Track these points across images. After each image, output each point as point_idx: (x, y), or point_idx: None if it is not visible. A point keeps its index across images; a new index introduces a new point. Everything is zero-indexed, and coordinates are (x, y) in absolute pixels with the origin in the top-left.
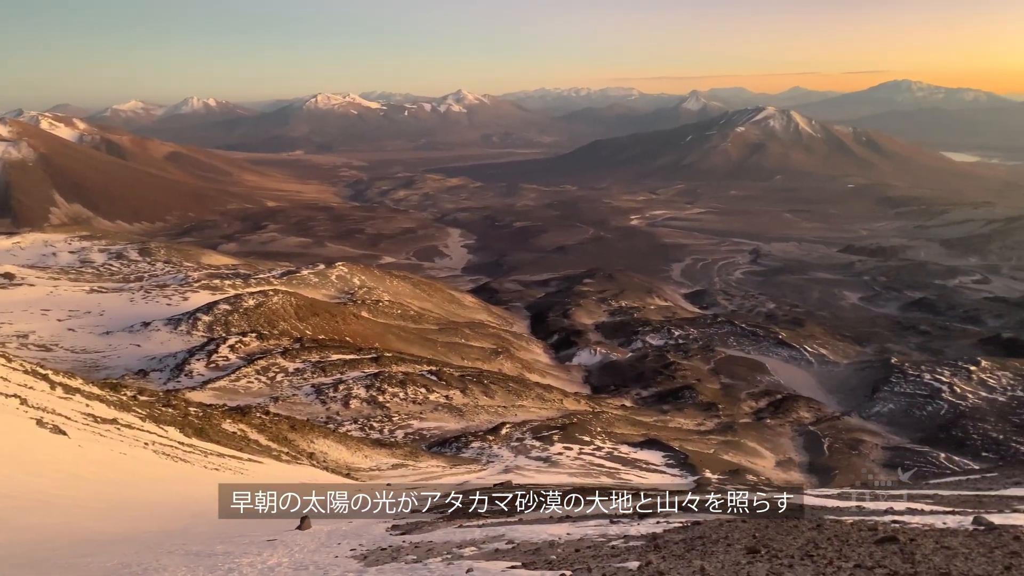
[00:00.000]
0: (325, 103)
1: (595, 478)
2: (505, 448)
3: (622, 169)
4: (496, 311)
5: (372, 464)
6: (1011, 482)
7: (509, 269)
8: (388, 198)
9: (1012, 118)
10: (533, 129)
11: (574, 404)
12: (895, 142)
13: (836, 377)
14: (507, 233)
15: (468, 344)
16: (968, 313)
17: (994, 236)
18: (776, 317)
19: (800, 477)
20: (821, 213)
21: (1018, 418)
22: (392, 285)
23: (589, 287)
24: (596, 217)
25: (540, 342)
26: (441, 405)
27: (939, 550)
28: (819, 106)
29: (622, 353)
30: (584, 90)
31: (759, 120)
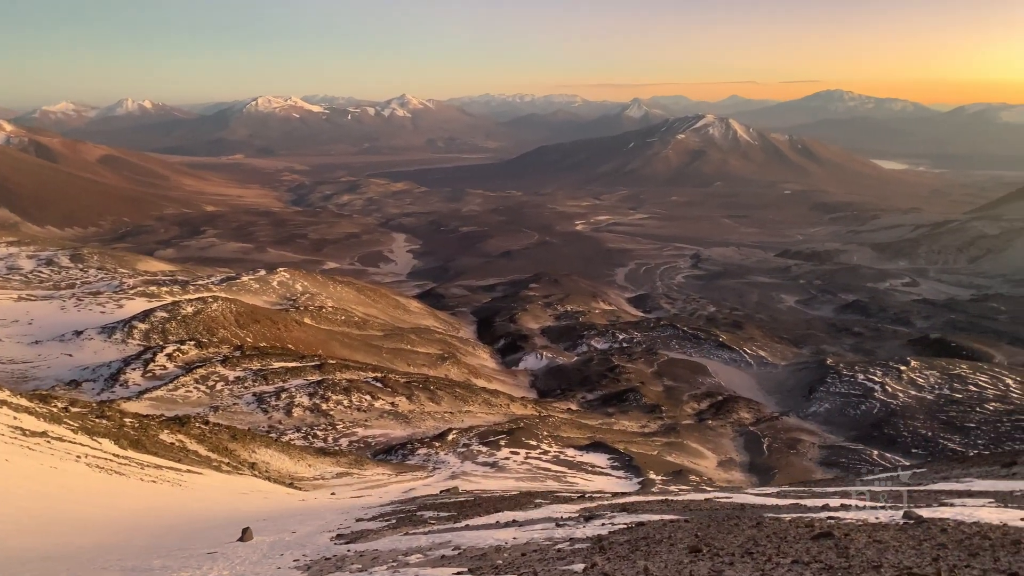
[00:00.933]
0: (266, 106)
1: (542, 482)
2: (452, 454)
3: (567, 175)
4: (442, 316)
5: (316, 473)
6: (939, 477)
7: (455, 274)
8: (331, 203)
9: (938, 127)
10: (478, 134)
11: (521, 409)
12: (829, 150)
13: (774, 378)
14: (453, 238)
15: (414, 350)
16: (898, 315)
17: (922, 240)
18: (717, 320)
19: (741, 477)
20: (759, 218)
21: (945, 415)
22: (336, 291)
23: (535, 292)
24: (542, 222)
25: (487, 347)
26: (387, 412)
27: (872, 544)
28: (756, 114)
29: (568, 357)
30: (528, 96)
31: (699, 128)
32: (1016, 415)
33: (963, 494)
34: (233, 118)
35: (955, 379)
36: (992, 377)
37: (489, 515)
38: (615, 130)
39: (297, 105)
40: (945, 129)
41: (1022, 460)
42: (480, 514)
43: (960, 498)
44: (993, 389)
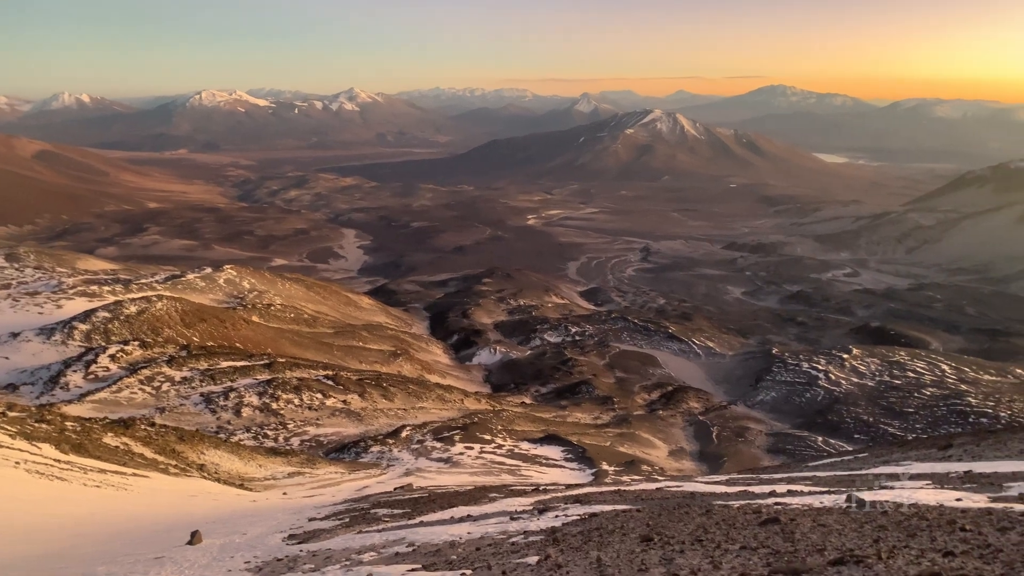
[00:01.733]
0: (210, 100)
1: (497, 476)
2: (406, 451)
3: (518, 169)
4: (394, 313)
5: (267, 473)
6: (880, 461)
7: (407, 270)
8: (279, 198)
9: (875, 122)
10: (428, 128)
11: (475, 404)
12: (772, 144)
13: (723, 368)
14: (404, 233)
15: (366, 347)
16: (840, 304)
17: (862, 232)
18: (666, 312)
19: (691, 465)
20: (706, 212)
21: (885, 401)
22: (285, 288)
23: (488, 287)
24: (493, 217)
25: (440, 343)
26: (339, 410)
27: (816, 528)
28: (703, 109)
29: (521, 351)
30: (479, 90)
31: (647, 122)
32: (951, 399)
33: (902, 477)
34: (176, 112)
35: (894, 366)
36: (929, 363)
37: (443, 511)
38: (565, 125)
39: (242, 99)
40: (882, 123)
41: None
42: (434, 510)
43: (900, 481)
44: (930, 375)
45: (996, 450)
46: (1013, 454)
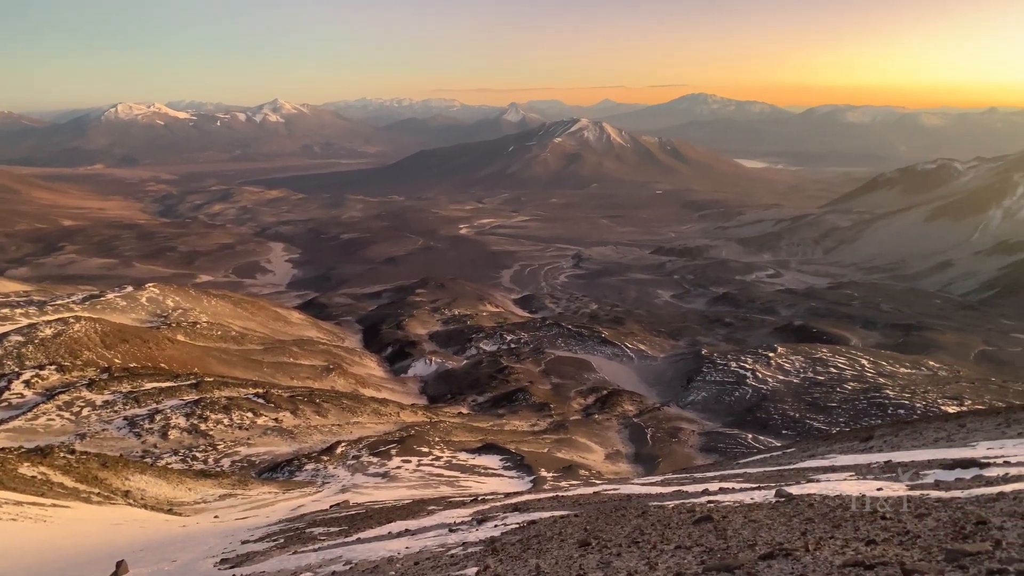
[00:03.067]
0: (127, 113)
1: (435, 488)
2: (341, 467)
3: (448, 179)
4: (326, 327)
5: (197, 497)
6: (806, 455)
7: (338, 282)
8: (202, 213)
9: (792, 128)
10: (356, 139)
11: (411, 416)
12: (695, 150)
13: (655, 370)
14: (334, 246)
15: (297, 363)
16: (765, 305)
17: (783, 234)
18: (599, 317)
19: (628, 468)
20: (634, 218)
21: (810, 397)
22: (211, 305)
23: (421, 297)
24: (425, 227)
25: (374, 355)
26: (271, 428)
27: (747, 524)
28: (628, 117)
29: (457, 361)
30: (406, 100)
31: (575, 131)
32: (871, 393)
33: (828, 470)
34: (90, 126)
35: (817, 362)
36: (849, 359)
37: (381, 526)
38: (494, 134)
39: (161, 112)
40: (799, 129)
41: (877, 434)
42: (372, 526)
43: (825, 473)
44: (850, 370)
45: (913, 439)
46: (928, 443)
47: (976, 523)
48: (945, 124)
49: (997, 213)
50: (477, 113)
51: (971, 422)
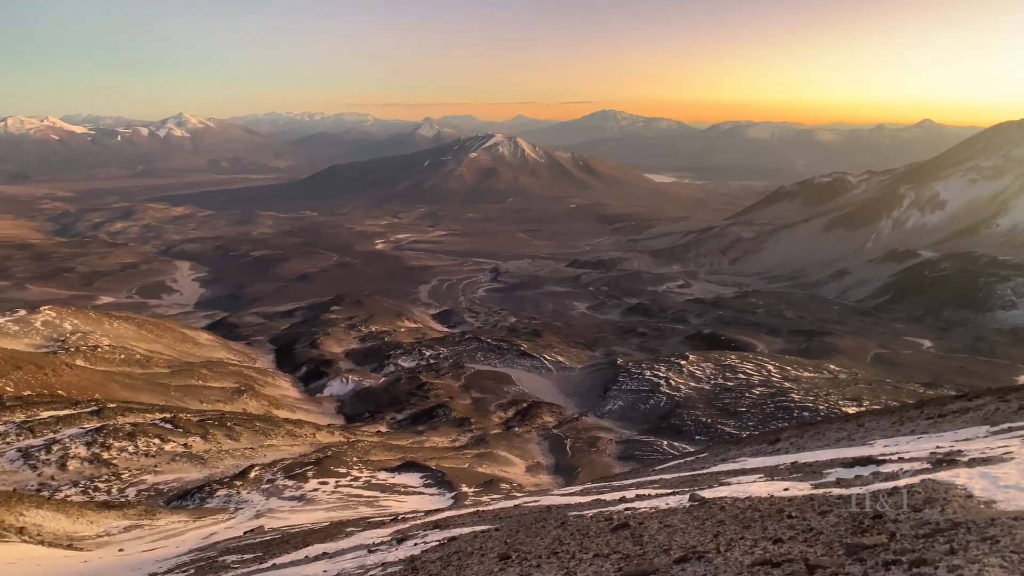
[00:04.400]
0: (18, 127)
1: (354, 509)
2: (255, 492)
3: (363, 194)
4: (237, 347)
5: (100, 530)
6: (718, 459)
7: (249, 301)
8: (103, 231)
9: (698, 144)
10: (266, 153)
11: (328, 436)
12: (607, 165)
13: (573, 381)
14: (244, 263)
15: (206, 385)
16: (676, 314)
17: (691, 246)
18: (517, 330)
19: (548, 479)
20: (549, 231)
21: (721, 403)
22: (112, 328)
23: (337, 314)
24: (340, 242)
25: (288, 375)
26: (179, 455)
27: (663, 529)
28: (541, 133)
29: (375, 378)
30: (318, 114)
31: (490, 146)
32: (778, 397)
33: (739, 472)
34: None
35: (727, 369)
36: (756, 365)
37: (297, 551)
38: (409, 148)
39: (56, 126)
40: (703, 145)
41: (784, 437)
42: (288, 551)
43: (736, 476)
44: (758, 375)
45: (817, 440)
46: (831, 443)
47: (873, 517)
48: (838, 140)
49: (887, 223)
50: (391, 127)
51: (869, 422)
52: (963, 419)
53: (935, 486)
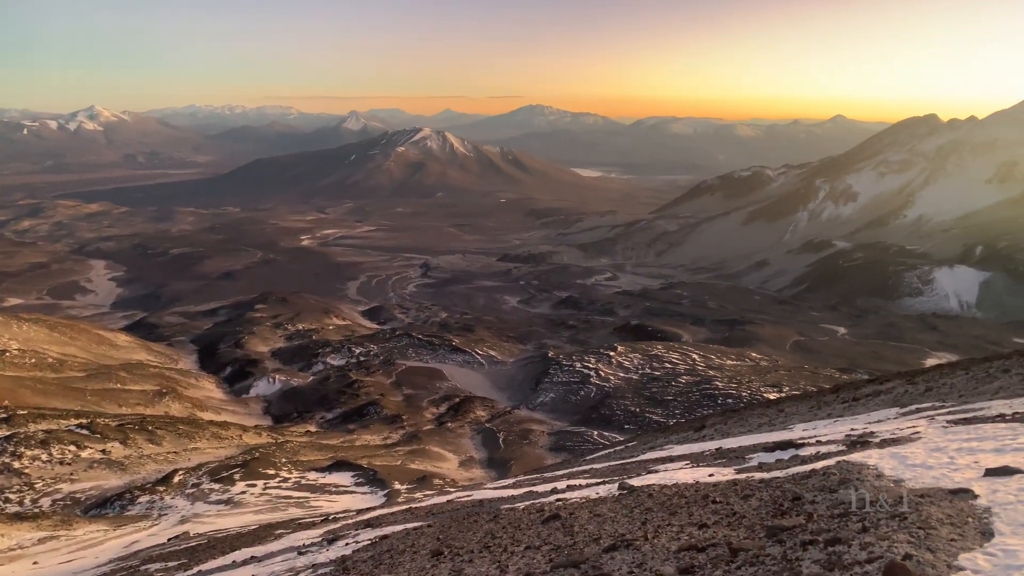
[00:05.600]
0: None
1: (284, 511)
2: (180, 497)
3: (288, 188)
4: (157, 348)
5: (12, 543)
6: (647, 448)
7: (169, 301)
8: (9, 229)
9: (623, 139)
10: (185, 148)
11: (255, 438)
12: (535, 160)
13: (505, 375)
14: (163, 261)
15: (125, 389)
16: (604, 306)
17: (618, 239)
18: (449, 325)
19: (481, 473)
20: (480, 226)
21: (648, 392)
22: (21, 331)
23: (262, 313)
24: (264, 239)
25: (212, 376)
26: (97, 461)
27: (593, 518)
28: (470, 127)
29: (303, 378)
30: (239, 108)
31: (417, 140)
32: (703, 385)
33: (666, 460)
34: None
35: (654, 359)
36: (682, 354)
37: (224, 556)
38: (335, 142)
39: None
40: (629, 140)
41: (709, 424)
42: (214, 556)
43: (664, 464)
44: (683, 364)
45: (740, 426)
46: (753, 428)
47: (792, 499)
48: (757, 135)
49: (804, 215)
50: (316, 121)
51: (788, 407)
52: (875, 402)
53: (849, 467)
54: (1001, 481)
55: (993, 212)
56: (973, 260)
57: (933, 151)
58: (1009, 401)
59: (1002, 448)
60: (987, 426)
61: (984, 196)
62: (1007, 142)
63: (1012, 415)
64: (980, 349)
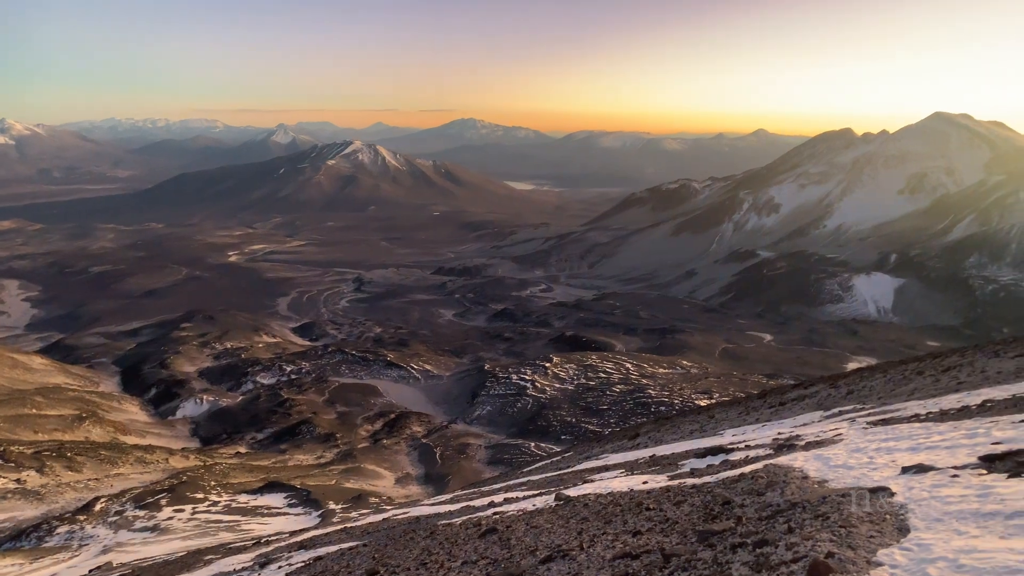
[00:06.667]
0: None
1: (214, 536)
2: (102, 526)
3: (214, 203)
4: (76, 371)
5: None
6: (583, 457)
7: (89, 321)
8: None
9: (554, 152)
10: (105, 162)
11: (182, 461)
12: (468, 173)
13: (441, 389)
14: (82, 280)
15: (41, 414)
16: (540, 318)
17: (552, 251)
18: (383, 340)
19: (418, 489)
20: (413, 239)
21: (584, 402)
22: None
23: (188, 332)
24: (189, 255)
25: (136, 399)
26: (11, 491)
27: (530, 530)
28: (401, 140)
29: (232, 397)
30: (162, 121)
31: (348, 154)
32: (636, 393)
33: (601, 469)
34: None
35: (589, 369)
36: (616, 363)
37: None
38: (262, 156)
39: None
40: (561, 153)
41: (643, 432)
42: None
43: (599, 473)
44: (617, 373)
45: (672, 433)
46: (685, 435)
47: (722, 504)
48: (683, 148)
49: (729, 226)
50: (243, 134)
51: (719, 413)
52: (800, 406)
53: (776, 470)
54: (916, 478)
55: (905, 221)
56: (888, 267)
57: (849, 163)
58: (923, 402)
59: (917, 447)
60: (903, 426)
61: (897, 206)
62: (916, 155)
63: (926, 415)
64: (896, 352)
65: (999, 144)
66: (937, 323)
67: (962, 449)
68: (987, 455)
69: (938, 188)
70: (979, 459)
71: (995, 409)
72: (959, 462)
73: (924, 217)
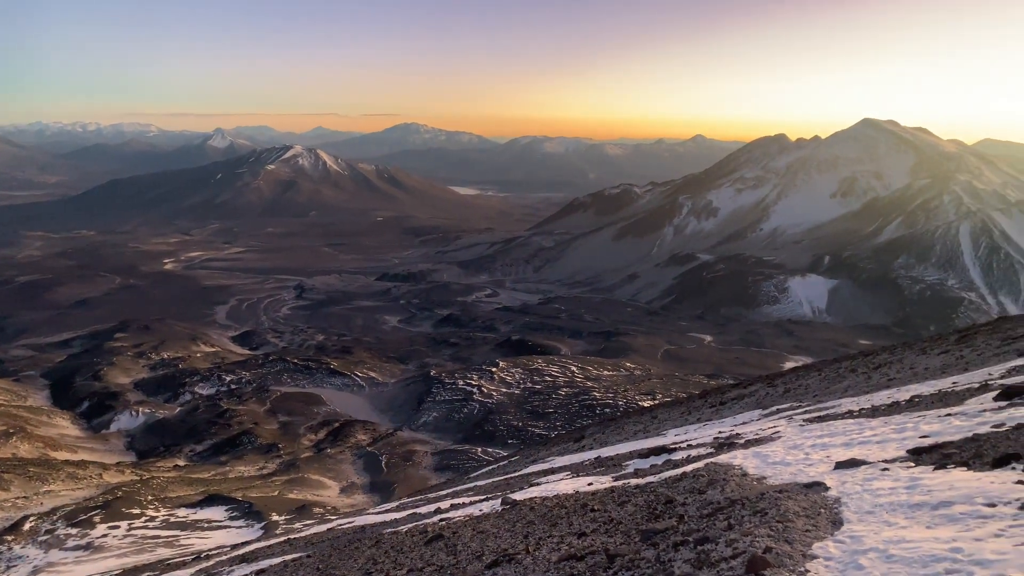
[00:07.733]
0: None
1: (151, 553)
2: (31, 545)
3: (148, 210)
4: (2, 384)
5: None
6: (529, 461)
7: (15, 332)
8: None
9: (498, 157)
10: (31, 168)
11: (117, 476)
12: (412, 178)
13: (386, 396)
14: (8, 290)
15: None
16: (486, 323)
17: (497, 256)
18: (327, 348)
19: (364, 498)
20: (356, 245)
21: (530, 406)
22: None
23: (122, 342)
24: (123, 263)
25: (67, 413)
26: None
27: (476, 536)
28: (343, 145)
29: (170, 409)
30: (93, 125)
31: (288, 158)
32: (582, 396)
33: (548, 472)
34: None
35: (535, 373)
36: (561, 367)
37: None
38: (199, 161)
39: None
40: (504, 158)
41: (588, 434)
42: None
43: (546, 476)
44: (563, 377)
45: (617, 435)
46: (629, 436)
47: (665, 503)
48: (624, 153)
49: (670, 230)
50: (178, 139)
51: (661, 413)
52: (740, 405)
53: (717, 468)
54: (849, 473)
55: (837, 224)
56: (822, 269)
57: (784, 168)
58: (856, 398)
59: (850, 442)
60: (838, 422)
61: (829, 209)
62: (847, 160)
63: (859, 411)
64: (831, 351)
65: (923, 149)
66: (869, 322)
67: (892, 443)
68: (915, 448)
69: (868, 192)
70: (908, 452)
71: (922, 404)
72: (889, 456)
73: (855, 220)
